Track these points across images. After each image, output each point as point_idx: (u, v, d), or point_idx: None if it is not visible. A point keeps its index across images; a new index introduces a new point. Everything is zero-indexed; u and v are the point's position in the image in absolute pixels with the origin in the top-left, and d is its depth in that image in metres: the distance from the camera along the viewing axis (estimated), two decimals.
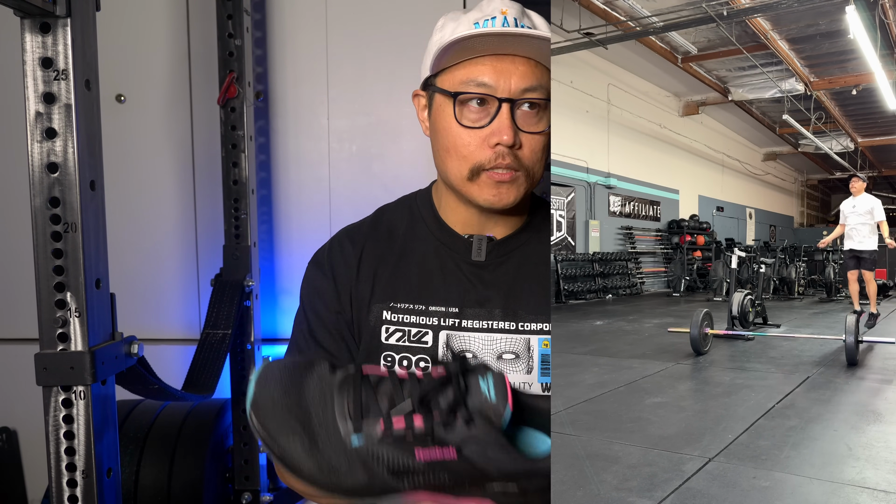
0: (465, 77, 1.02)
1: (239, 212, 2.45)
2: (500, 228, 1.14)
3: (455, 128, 1.03)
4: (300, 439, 0.76)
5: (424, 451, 0.74)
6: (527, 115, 1.03)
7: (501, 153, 1.01)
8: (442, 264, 1.12)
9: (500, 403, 0.74)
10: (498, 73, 1.01)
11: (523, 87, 1.01)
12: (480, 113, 1.02)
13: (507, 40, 1.00)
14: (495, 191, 1.04)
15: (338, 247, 1.18)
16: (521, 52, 1.02)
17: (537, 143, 1.04)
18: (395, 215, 1.21)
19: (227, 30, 2.39)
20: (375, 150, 2.66)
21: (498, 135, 1.01)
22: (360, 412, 0.76)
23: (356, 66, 2.60)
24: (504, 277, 1.11)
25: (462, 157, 1.04)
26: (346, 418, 0.76)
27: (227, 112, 2.42)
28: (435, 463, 0.74)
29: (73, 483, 1.28)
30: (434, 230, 1.16)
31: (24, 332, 2.54)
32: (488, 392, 0.75)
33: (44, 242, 1.23)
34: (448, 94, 1.04)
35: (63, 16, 1.19)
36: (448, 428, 0.74)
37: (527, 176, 1.05)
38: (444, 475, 0.74)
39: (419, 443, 0.74)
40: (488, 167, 1.02)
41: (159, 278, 2.71)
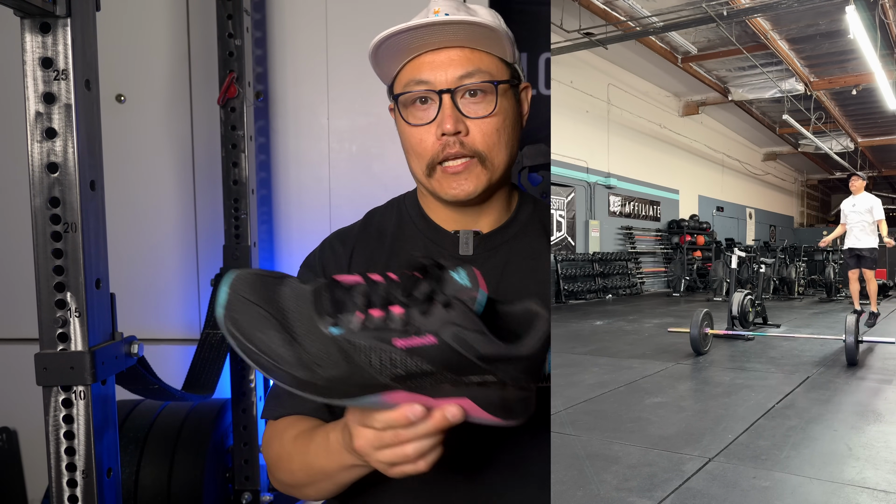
0: (408, 78, 1.05)
1: (239, 212, 2.45)
2: (485, 222, 1.15)
3: (407, 128, 1.07)
4: (277, 334, 0.75)
5: (404, 339, 0.74)
6: (471, 101, 1.04)
7: (448, 142, 1.03)
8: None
9: (473, 287, 0.76)
10: (434, 68, 1.03)
11: (460, 75, 1.03)
12: (427, 110, 1.05)
13: (432, 31, 1.01)
14: (453, 182, 1.05)
15: (329, 249, 1.19)
16: (455, 42, 1.04)
17: (487, 126, 1.05)
18: (385, 217, 1.22)
19: (227, 30, 2.39)
20: (375, 150, 2.66)
21: (441, 125, 1.03)
22: (336, 308, 0.76)
23: (356, 66, 2.60)
24: (493, 271, 1.12)
25: (418, 154, 1.06)
26: (322, 314, 0.75)
27: (227, 112, 2.42)
28: (414, 350, 0.74)
29: (73, 483, 1.28)
30: (422, 229, 1.17)
31: (24, 332, 2.54)
32: (461, 279, 0.76)
33: (44, 242, 1.23)
34: (394, 98, 1.08)
35: (63, 16, 1.19)
36: (425, 315, 0.74)
37: (482, 161, 1.05)
38: (424, 363, 0.74)
39: (398, 332, 0.74)
40: (439, 160, 1.04)
41: (159, 278, 2.71)
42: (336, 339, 0.74)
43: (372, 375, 0.75)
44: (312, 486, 1.02)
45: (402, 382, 0.75)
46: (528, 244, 1.15)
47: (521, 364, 0.77)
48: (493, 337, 0.75)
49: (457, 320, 0.74)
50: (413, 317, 0.74)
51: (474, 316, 0.75)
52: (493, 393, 0.77)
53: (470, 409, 0.78)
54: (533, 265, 1.13)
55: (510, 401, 0.78)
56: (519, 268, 1.13)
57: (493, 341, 0.75)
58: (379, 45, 1.04)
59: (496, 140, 1.06)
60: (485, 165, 1.06)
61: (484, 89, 1.04)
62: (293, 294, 0.78)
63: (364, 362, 0.74)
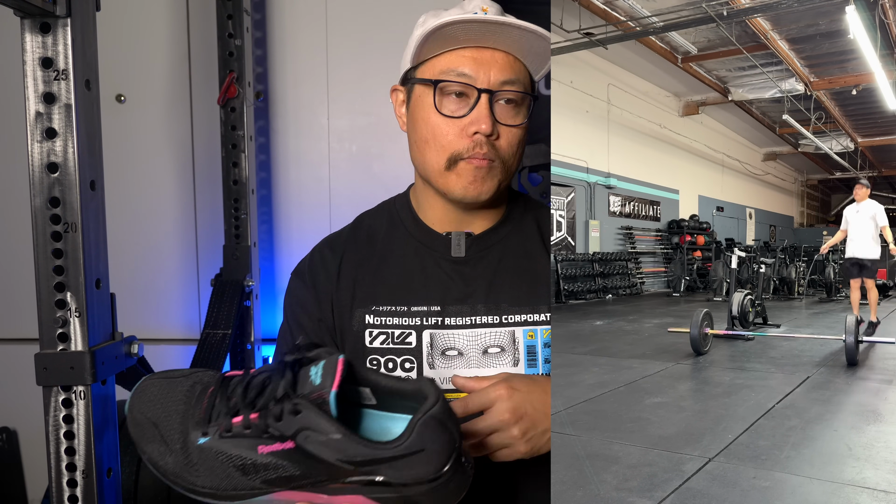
0: (446, 67, 1.04)
1: (239, 212, 2.45)
2: (478, 223, 1.15)
3: (434, 117, 1.05)
4: (158, 446, 0.79)
5: (265, 445, 0.73)
6: (505, 108, 1.04)
7: (479, 142, 1.03)
8: (422, 264, 1.13)
9: (324, 385, 0.73)
10: (478, 64, 1.03)
11: (503, 80, 1.03)
12: (460, 103, 1.04)
13: (488, 29, 1.01)
14: (472, 178, 1.04)
15: (318, 256, 1.19)
16: (502, 46, 1.03)
17: (514, 136, 1.05)
18: (375, 220, 1.22)
19: (227, 30, 2.39)
20: (375, 150, 2.66)
21: (476, 124, 1.02)
22: (209, 414, 0.77)
23: (356, 66, 2.60)
24: (485, 272, 1.12)
25: (440, 146, 1.05)
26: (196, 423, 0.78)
27: (227, 112, 2.42)
28: (277, 454, 0.73)
29: (73, 483, 1.28)
30: (413, 231, 1.16)
31: (24, 332, 2.54)
32: (315, 377, 0.74)
33: (44, 242, 1.23)
34: (429, 83, 1.05)
35: (63, 16, 1.19)
36: (279, 420, 0.73)
37: (503, 167, 1.06)
38: (291, 468, 0.73)
39: (263, 438, 0.74)
40: (466, 156, 1.03)
41: (159, 278, 2.71)
42: (203, 449, 0.76)
43: (248, 480, 0.75)
44: None
45: (280, 485, 0.74)
46: (522, 243, 1.15)
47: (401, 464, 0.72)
48: (353, 438, 0.71)
49: (307, 425, 0.71)
50: (270, 423, 0.73)
51: (326, 418, 0.71)
52: (386, 490, 0.73)
53: None
54: (526, 265, 1.13)
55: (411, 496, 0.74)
56: (512, 267, 1.13)
57: (352, 444, 0.71)
58: (437, 29, 1.00)
59: (517, 149, 1.07)
60: (503, 171, 1.07)
61: (518, 100, 1.05)
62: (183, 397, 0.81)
63: (234, 469, 0.75)
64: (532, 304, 1.09)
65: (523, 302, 1.09)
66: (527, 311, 1.09)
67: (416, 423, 0.72)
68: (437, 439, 0.72)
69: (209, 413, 0.77)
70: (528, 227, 1.17)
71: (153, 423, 0.80)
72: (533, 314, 1.09)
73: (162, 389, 0.82)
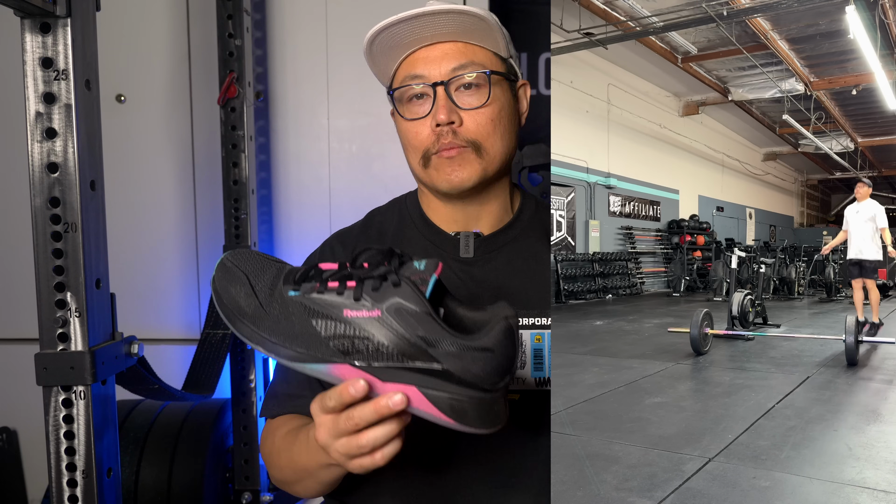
0: (403, 74, 1.08)
1: (239, 212, 2.45)
2: (485, 223, 1.14)
3: (403, 123, 1.08)
4: (243, 288, 0.83)
5: (353, 311, 0.77)
6: (465, 93, 1.05)
7: (442, 132, 1.04)
8: None
9: (427, 271, 0.77)
10: (427, 63, 1.05)
11: (453, 67, 1.05)
12: (422, 104, 1.06)
13: (422, 22, 1.03)
14: (448, 170, 1.06)
15: (329, 250, 1.19)
16: (447, 37, 1.05)
17: (481, 116, 1.05)
18: (386, 217, 1.22)
19: (227, 30, 2.39)
20: (375, 150, 2.66)
21: (435, 116, 1.04)
22: (303, 279, 0.81)
23: (356, 66, 2.60)
24: (494, 273, 1.11)
25: (414, 147, 1.08)
26: (288, 281, 0.81)
27: (227, 112, 2.42)
28: (360, 321, 0.76)
29: (74, 483, 1.28)
30: (422, 230, 1.16)
31: (24, 332, 2.54)
32: (418, 265, 0.79)
33: (44, 242, 1.23)
34: (390, 95, 1.10)
35: (63, 16, 1.19)
36: (376, 290, 0.76)
37: (476, 150, 1.06)
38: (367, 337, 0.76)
39: (349, 305, 0.77)
40: (434, 150, 1.06)
41: (159, 278, 2.71)
42: (291, 299, 0.79)
43: (319, 341, 0.77)
44: (299, 484, 1.03)
45: (346, 354, 0.77)
46: (530, 246, 1.15)
47: (470, 356, 0.74)
48: (439, 320, 0.75)
49: (402, 297, 0.75)
50: (365, 291, 0.77)
51: (420, 296, 0.75)
52: (440, 385, 0.75)
53: (416, 400, 0.76)
54: (535, 267, 1.13)
55: (461, 400, 0.75)
56: (521, 269, 1.12)
57: (436, 324, 0.75)
58: (372, 40, 1.05)
59: (490, 130, 1.06)
60: (479, 154, 1.06)
61: (477, 82, 1.06)
62: (273, 266, 0.85)
63: (314, 326, 0.78)
64: (540, 308, 1.09)
65: (531, 305, 1.09)
66: (534, 314, 1.08)
67: (496, 324, 0.76)
68: (507, 346, 0.76)
69: (304, 277, 0.81)
70: (537, 229, 1.17)
71: (244, 272, 0.84)
72: (540, 318, 1.08)
73: (254, 257, 0.87)
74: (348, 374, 0.77)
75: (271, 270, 0.85)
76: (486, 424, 0.77)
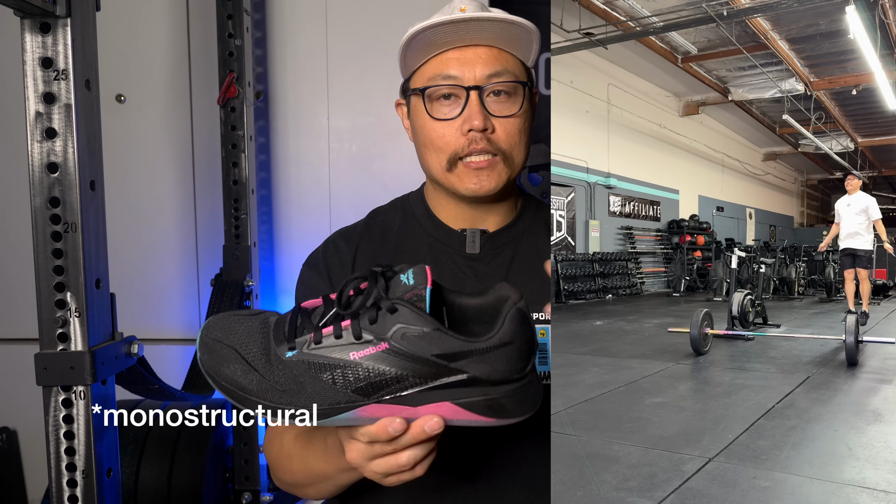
0: (433, 73, 1.06)
1: (239, 212, 2.45)
2: (491, 221, 1.15)
3: (429, 122, 1.07)
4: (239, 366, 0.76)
5: (358, 351, 0.73)
6: (496, 100, 1.06)
7: (474, 139, 1.04)
8: (436, 259, 1.13)
9: (418, 284, 0.74)
10: (462, 64, 1.04)
11: (489, 73, 1.04)
12: (451, 105, 1.06)
13: (464, 28, 1.02)
14: (475, 178, 1.06)
15: (332, 247, 1.19)
16: (483, 41, 1.05)
17: (511, 125, 1.06)
18: (388, 216, 1.22)
19: (227, 30, 2.39)
20: (375, 150, 2.66)
21: (469, 121, 1.04)
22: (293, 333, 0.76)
23: (356, 66, 2.60)
24: (499, 269, 1.12)
25: (438, 149, 1.07)
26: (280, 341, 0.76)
27: (227, 112, 2.42)
28: (371, 357, 0.73)
29: (73, 483, 1.28)
30: (427, 227, 1.17)
31: (24, 332, 2.54)
32: (407, 280, 0.75)
33: (44, 242, 1.23)
34: (419, 92, 1.07)
35: (63, 16, 1.19)
36: (374, 323, 0.73)
37: (505, 159, 1.07)
38: (382, 372, 0.73)
39: (352, 345, 0.73)
40: (463, 155, 1.05)
41: (159, 278, 2.71)
42: (291, 361, 0.75)
43: (336, 392, 0.74)
44: (312, 487, 1.02)
45: (368, 395, 0.74)
46: (533, 243, 1.16)
47: (492, 356, 0.73)
48: (449, 332, 0.72)
49: (404, 321, 0.72)
50: (364, 327, 0.73)
51: (422, 314, 0.72)
52: (472, 392, 0.74)
53: (452, 413, 0.75)
54: (537, 264, 1.14)
55: (496, 398, 0.74)
56: (524, 266, 1.13)
57: (448, 337, 0.72)
58: (413, 37, 1.04)
59: (518, 140, 1.08)
60: (506, 164, 1.08)
61: (509, 90, 1.06)
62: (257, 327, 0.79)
63: (325, 380, 0.74)
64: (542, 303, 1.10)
65: (535, 300, 1.09)
66: (537, 309, 1.10)
67: (506, 315, 0.74)
68: (525, 331, 0.74)
69: (294, 329, 0.76)
70: (539, 227, 1.18)
71: (231, 347, 0.77)
72: (543, 313, 1.09)
73: (232, 323, 0.80)
74: (378, 412, 0.75)
75: (257, 333, 0.78)
76: (526, 410, 0.76)
